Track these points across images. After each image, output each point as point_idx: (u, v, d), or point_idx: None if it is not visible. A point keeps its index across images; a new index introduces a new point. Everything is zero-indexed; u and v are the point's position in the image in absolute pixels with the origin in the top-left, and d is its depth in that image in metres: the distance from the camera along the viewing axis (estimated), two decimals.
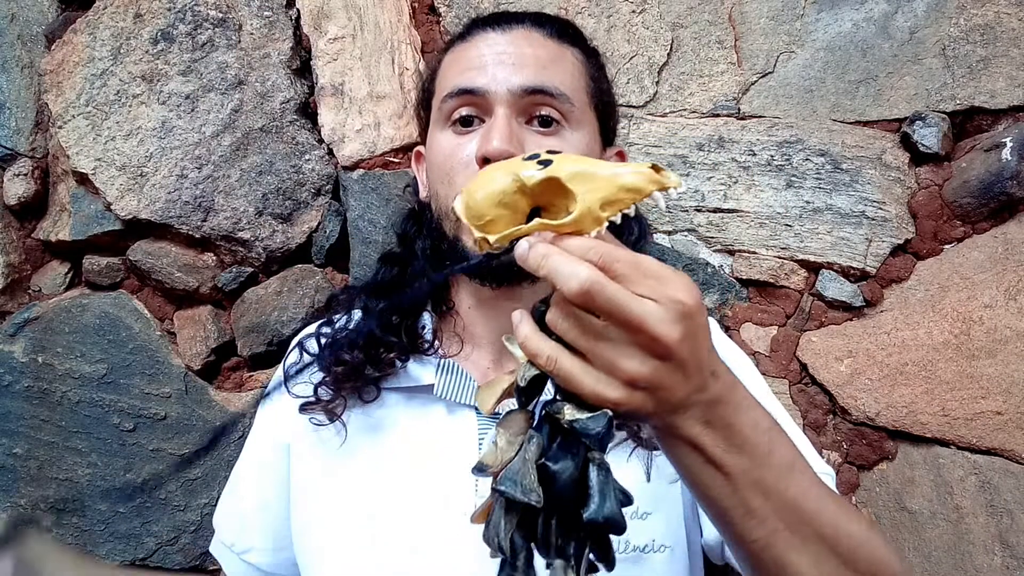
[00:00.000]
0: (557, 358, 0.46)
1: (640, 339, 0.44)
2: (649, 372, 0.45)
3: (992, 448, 1.08)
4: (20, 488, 1.34)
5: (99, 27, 1.35)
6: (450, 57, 0.83)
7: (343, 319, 0.85)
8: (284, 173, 1.30)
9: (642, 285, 0.45)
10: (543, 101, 0.76)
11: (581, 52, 0.84)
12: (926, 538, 1.10)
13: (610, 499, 0.46)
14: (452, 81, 0.79)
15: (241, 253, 1.31)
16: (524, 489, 0.45)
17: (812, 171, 1.17)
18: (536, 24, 0.81)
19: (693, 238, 1.20)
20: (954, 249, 1.14)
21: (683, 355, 0.45)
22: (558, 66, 0.79)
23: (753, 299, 1.20)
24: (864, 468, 1.15)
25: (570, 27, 0.85)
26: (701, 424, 0.48)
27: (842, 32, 1.18)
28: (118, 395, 1.32)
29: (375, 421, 0.79)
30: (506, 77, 0.75)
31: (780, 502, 0.51)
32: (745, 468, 0.49)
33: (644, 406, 0.46)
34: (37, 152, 1.43)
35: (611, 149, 0.88)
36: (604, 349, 0.45)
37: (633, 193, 0.46)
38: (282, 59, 1.32)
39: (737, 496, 0.50)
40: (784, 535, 0.51)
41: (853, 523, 0.55)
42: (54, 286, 1.42)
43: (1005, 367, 1.08)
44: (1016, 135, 1.09)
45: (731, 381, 0.51)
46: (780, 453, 0.52)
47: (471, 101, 0.77)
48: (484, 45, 0.79)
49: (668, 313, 0.44)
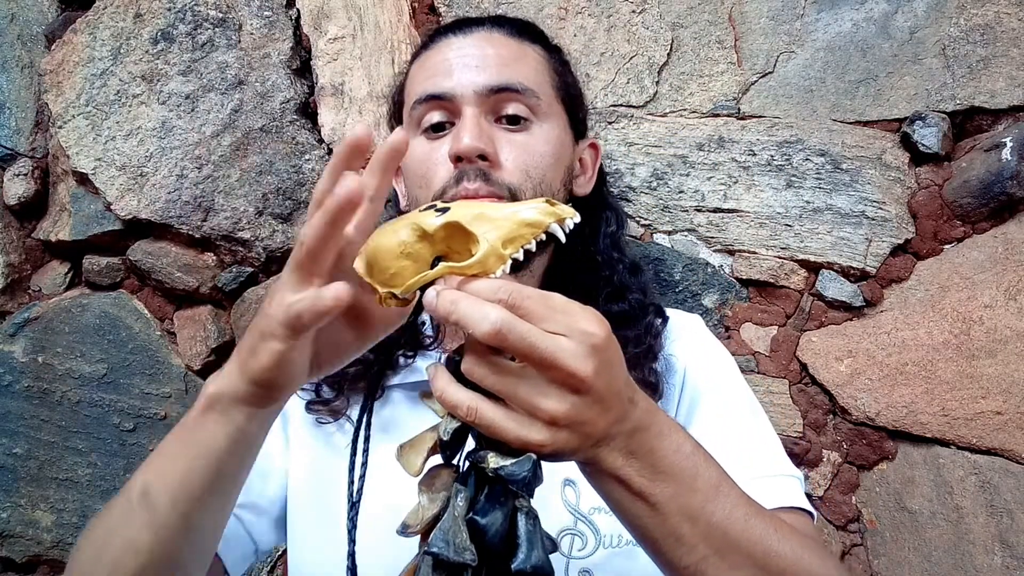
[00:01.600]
0: (477, 407, 0.46)
1: (556, 376, 0.44)
2: (568, 408, 0.45)
3: (992, 448, 1.08)
4: (20, 488, 1.34)
5: (99, 27, 1.35)
6: (416, 66, 0.86)
7: None
8: (284, 173, 1.30)
9: (552, 321, 0.45)
10: (509, 98, 0.78)
11: (543, 49, 0.86)
12: (926, 538, 1.10)
13: (537, 547, 0.46)
14: (419, 88, 0.81)
15: (241, 253, 1.31)
16: (457, 549, 0.44)
17: (812, 171, 1.17)
18: (496, 25, 0.83)
19: (693, 238, 1.20)
20: (954, 249, 1.14)
21: (600, 388, 0.45)
22: (521, 63, 0.81)
23: (753, 299, 1.20)
24: (864, 468, 1.15)
25: (530, 26, 0.88)
26: (624, 455, 0.49)
27: (842, 32, 1.18)
28: (118, 395, 1.32)
29: (382, 421, 0.80)
30: (471, 79, 0.77)
31: (707, 527, 0.51)
32: (670, 495, 0.50)
33: (568, 444, 0.46)
34: (37, 152, 1.43)
35: (583, 142, 0.89)
36: (522, 390, 0.45)
37: (532, 227, 0.46)
38: (282, 59, 1.32)
39: (665, 525, 0.50)
40: (714, 561, 0.51)
41: (784, 543, 0.54)
42: (54, 286, 1.42)
43: (1005, 367, 1.08)
44: (1016, 135, 1.09)
45: (649, 408, 0.51)
46: (705, 476, 0.52)
47: (440, 106, 0.78)
48: (448, 50, 0.81)
49: (580, 347, 0.44)
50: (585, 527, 0.73)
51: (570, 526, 0.73)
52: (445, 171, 0.76)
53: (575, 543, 0.72)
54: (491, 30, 0.82)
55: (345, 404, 0.80)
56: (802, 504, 0.72)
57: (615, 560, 0.72)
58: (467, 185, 0.73)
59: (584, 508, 0.73)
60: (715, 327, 1.18)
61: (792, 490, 0.73)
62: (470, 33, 0.82)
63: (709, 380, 0.82)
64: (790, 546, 0.54)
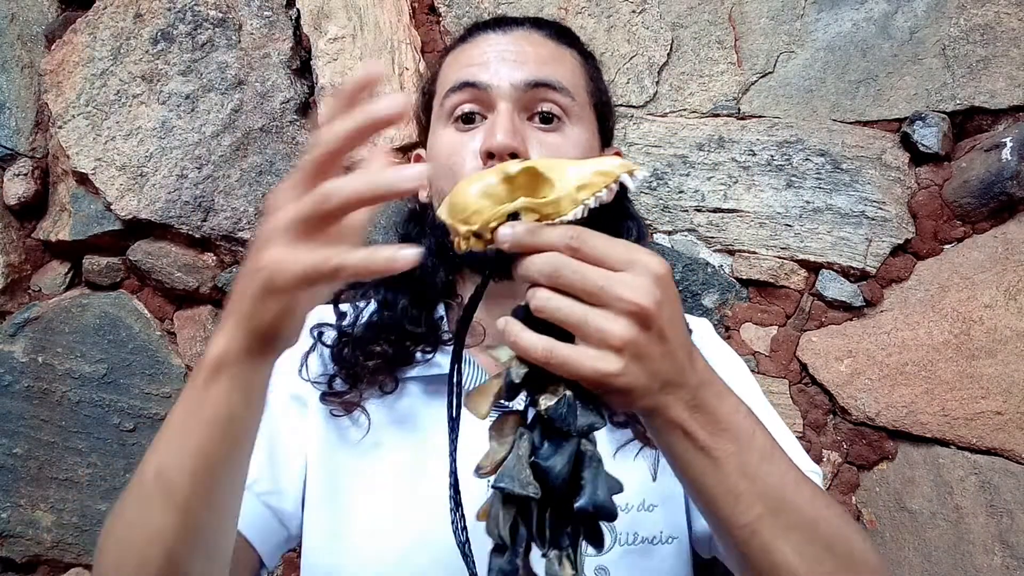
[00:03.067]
0: (552, 347, 0.47)
1: (621, 308, 0.46)
2: (636, 335, 0.46)
3: (992, 448, 1.08)
4: (20, 488, 1.34)
5: (99, 27, 1.35)
6: (451, 58, 0.85)
7: (354, 312, 0.86)
8: (284, 173, 1.30)
9: (614, 260, 0.47)
10: (545, 96, 0.77)
11: (579, 54, 0.86)
12: (926, 538, 1.10)
13: (601, 488, 0.48)
14: (454, 76, 0.80)
15: (241, 253, 1.31)
16: (521, 483, 0.47)
17: (812, 171, 1.17)
18: (536, 26, 0.84)
19: (693, 238, 1.20)
20: (954, 249, 1.14)
21: (662, 322, 0.47)
22: (559, 63, 0.81)
23: (753, 299, 1.20)
24: (864, 468, 1.15)
25: (568, 31, 0.88)
26: (688, 408, 0.50)
27: (842, 32, 1.18)
28: (118, 395, 1.32)
29: (398, 415, 0.79)
30: (508, 72, 0.77)
31: (764, 486, 0.52)
32: (731, 452, 0.51)
33: (638, 379, 0.47)
34: (37, 152, 1.43)
35: (609, 150, 0.90)
36: (592, 318, 0.47)
37: (605, 176, 0.50)
38: (282, 59, 1.32)
39: (727, 482, 0.51)
40: (769, 520, 0.52)
41: (830, 509, 0.57)
42: (54, 286, 1.42)
43: (1005, 367, 1.08)
44: (1016, 135, 1.09)
45: (707, 367, 0.53)
46: (760, 438, 0.54)
47: (474, 96, 0.78)
48: (486, 44, 0.81)
49: (641, 280, 0.46)
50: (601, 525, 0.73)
51: None
52: (473, 166, 0.75)
53: None
54: (530, 30, 0.82)
55: (359, 397, 0.79)
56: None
57: (630, 558, 0.72)
58: None
59: None
60: (715, 327, 1.18)
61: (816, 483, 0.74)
62: (510, 31, 0.82)
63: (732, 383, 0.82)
64: (835, 514, 0.57)
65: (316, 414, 0.81)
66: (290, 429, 0.80)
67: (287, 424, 0.81)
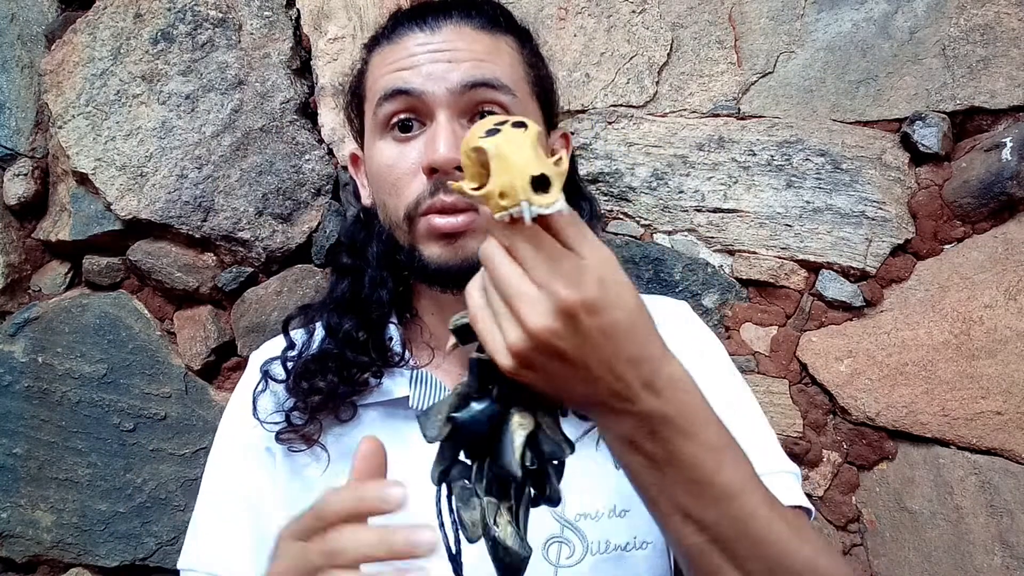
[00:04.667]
0: (480, 315, 0.47)
1: (520, 321, 0.45)
2: (526, 351, 0.45)
3: (992, 448, 1.08)
4: (20, 488, 1.34)
5: (99, 27, 1.35)
6: (378, 57, 0.79)
7: (305, 339, 0.83)
8: (284, 173, 1.30)
9: (533, 277, 0.44)
10: (484, 96, 0.73)
11: (515, 39, 0.80)
12: (926, 538, 1.10)
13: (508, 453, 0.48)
14: (384, 82, 0.75)
15: (241, 253, 1.31)
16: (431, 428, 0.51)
17: (812, 171, 1.17)
18: (466, 17, 0.77)
19: (693, 238, 1.20)
20: (954, 249, 1.14)
21: (560, 349, 0.44)
22: (495, 58, 0.75)
23: (753, 299, 1.20)
24: (864, 468, 1.15)
25: (501, 12, 0.82)
26: (642, 433, 0.48)
27: (842, 32, 1.18)
28: (118, 395, 1.32)
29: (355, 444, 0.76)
30: (442, 74, 0.72)
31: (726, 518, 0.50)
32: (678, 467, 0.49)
33: (537, 383, 0.47)
34: (37, 152, 1.43)
35: (555, 133, 0.86)
36: (503, 318, 0.46)
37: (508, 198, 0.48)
38: (282, 59, 1.32)
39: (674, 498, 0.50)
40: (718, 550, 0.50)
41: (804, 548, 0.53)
42: (54, 286, 1.42)
43: (1005, 367, 1.08)
44: (1016, 135, 1.09)
45: (679, 400, 0.49)
46: (727, 476, 0.50)
47: (408, 104, 0.73)
48: (414, 44, 0.75)
49: (544, 307, 0.44)
50: (572, 534, 0.71)
51: (557, 534, 0.71)
52: (419, 182, 0.72)
53: (563, 551, 0.71)
54: (460, 22, 0.76)
55: (317, 430, 0.76)
56: (800, 501, 0.71)
57: (603, 567, 0.70)
58: (443, 198, 0.70)
59: (570, 515, 0.71)
60: (715, 327, 1.18)
61: (790, 487, 0.71)
62: (438, 28, 0.75)
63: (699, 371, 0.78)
64: (811, 552, 0.54)
65: (281, 462, 0.78)
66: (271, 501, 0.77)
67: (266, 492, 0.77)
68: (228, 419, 0.84)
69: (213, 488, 0.80)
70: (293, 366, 0.80)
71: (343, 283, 0.85)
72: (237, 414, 0.83)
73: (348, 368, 0.77)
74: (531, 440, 0.49)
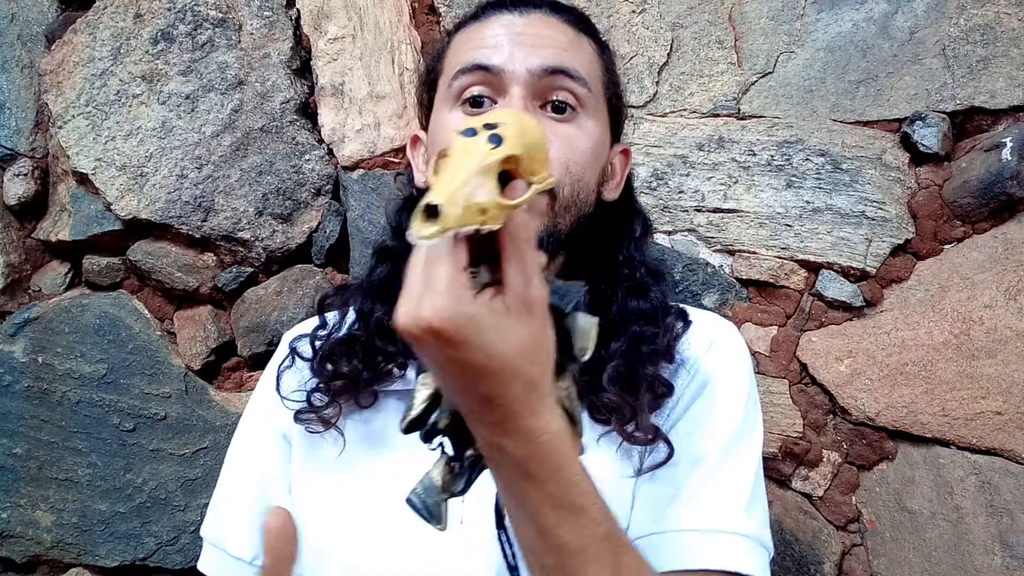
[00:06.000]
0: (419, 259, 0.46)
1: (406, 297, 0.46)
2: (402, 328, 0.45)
3: (992, 448, 1.08)
4: (20, 488, 1.34)
5: (99, 27, 1.35)
6: (462, 36, 0.79)
7: (337, 320, 0.83)
8: (284, 173, 1.30)
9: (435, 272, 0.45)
10: (561, 84, 0.73)
11: (596, 44, 0.82)
12: (926, 538, 1.10)
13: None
14: (466, 57, 0.75)
15: (241, 253, 1.31)
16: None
17: (812, 171, 1.17)
18: (554, 10, 0.79)
19: (693, 238, 1.20)
20: (954, 249, 1.14)
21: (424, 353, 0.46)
22: (577, 51, 0.76)
23: (753, 299, 1.20)
24: (864, 468, 1.15)
25: (587, 19, 0.84)
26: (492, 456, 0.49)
27: (842, 32, 1.18)
28: (118, 395, 1.32)
29: (373, 430, 0.77)
30: (524, 56, 0.72)
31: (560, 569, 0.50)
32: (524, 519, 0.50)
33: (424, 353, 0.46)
34: (37, 152, 1.43)
35: (618, 146, 0.86)
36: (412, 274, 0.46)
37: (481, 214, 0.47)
38: (282, 59, 1.32)
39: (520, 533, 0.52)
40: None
41: None
42: (54, 286, 1.42)
43: (1005, 367, 1.08)
44: (1016, 135, 1.09)
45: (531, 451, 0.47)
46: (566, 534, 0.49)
47: (485, 79, 0.73)
48: (500, 25, 0.75)
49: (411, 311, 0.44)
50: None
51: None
52: None
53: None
54: (549, 14, 0.77)
55: (337, 413, 0.76)
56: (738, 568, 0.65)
57: None
58: None
59: None
60: None
61: (732, 551, 0.66)
62: (527, 13, 0.76)
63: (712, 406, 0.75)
64: None
65: (298, 444, 0.79)
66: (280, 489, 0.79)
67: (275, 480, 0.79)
68: (255, 398, 0.87)
69: (231, 466, 0.84)
70: (320, 346, 0.80)
71: (381, 267, 0.84)
72: (262, 394, 0.85)
73: (374, 355, 0.77)
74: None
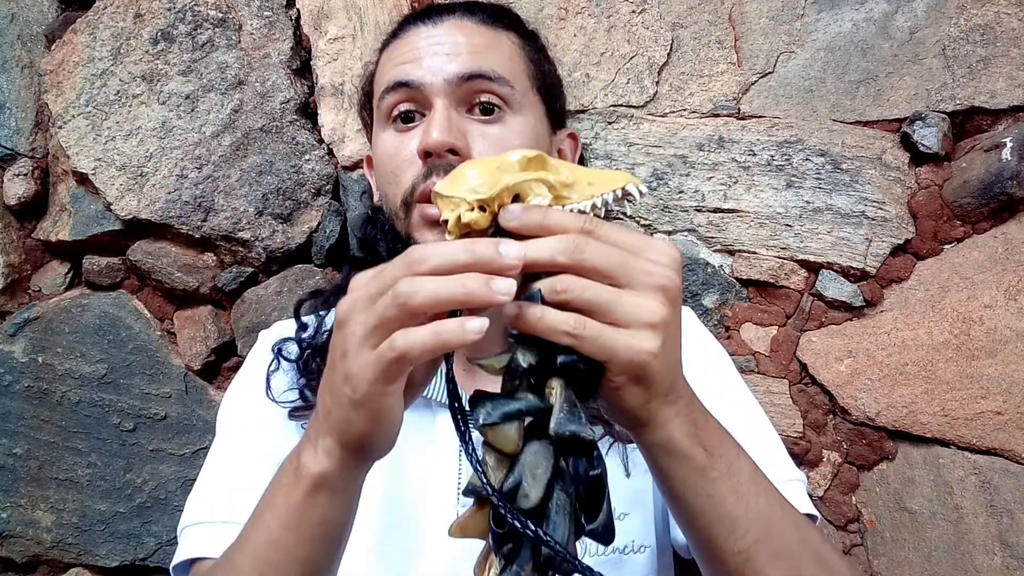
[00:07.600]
0: (584, 321, 0.43)
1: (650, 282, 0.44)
2: (668, 314, 0.44)
3: (992, 448, 1.08)
4: (20, 488, 1.34)
5: (99, 27, 1.35)
6: (386, 55, 0.82)
7: (316, 323, 0.84)
8: (284, 173, 1.30)
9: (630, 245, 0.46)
10: (481, 87, 0.74)
11: (518, 36, 0.82)
12: (926, 538, 1.10)
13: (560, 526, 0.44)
14: (387, 76, 0.78)
15: (241, 253, 1.31)
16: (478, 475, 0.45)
17: (812, 171, 1.17)
18: (468, 12, 0.80)
19: (693, 238, 1.20)
20: (954, 249, 1.14)
21: (680, 307, 0.46)
22: (494, 51, 0.77)
23: (753, 299, 1.20)
24: (864, 468, 1.15)
25: (504, 11, 0.84)
26: (684, 424, 0.48)
27: (842, 32, 1.18)
28: (118, 395, 1.32)
29: None
30: (440, 66, 0.74)
31: (756, 512, 0.51)
32: (723, 474, 0.50)
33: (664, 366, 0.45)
34: (37, 152, 1.43)
35: (562, 132, 0.87)
36: (628, 295, 0.44)
37: (612, 181, 0.49)
38: (282, 59, 1.32)
39: (721, 506, 0.50)
40: (762, 546, 0.51)
41: (813, 533, 0.55)
42: (54, 286, 1.42)
43: (1005, 367, 1.08)
44: (1016, 135, 1.09)
45: (690, 387, 0.51)
46: (745, 460, 0.52)
47: (408, 95, 0.75)
48: (417, 38, 0.77)
49: (662, 260, 0.45)
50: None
51: None
52: (415, 167, 0.73)
53: None
54: (462, 17, 0.79)
55: None
56: (807, 509, 0.71)
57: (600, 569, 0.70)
58: (437, 181, 0.70)
59: None
60: (715, 327, 1.18)
61: (797, 495, 0.71)
62: (440, 22, 0.78)
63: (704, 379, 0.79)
64: (819, 538, 0.56)
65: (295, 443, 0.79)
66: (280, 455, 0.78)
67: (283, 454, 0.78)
68: (241, 388, 0.85)
69: (229, 445, 0.80)
70: (305, 347, 0.81)
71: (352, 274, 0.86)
72: (251, 385, 0.84)
73: None
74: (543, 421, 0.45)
